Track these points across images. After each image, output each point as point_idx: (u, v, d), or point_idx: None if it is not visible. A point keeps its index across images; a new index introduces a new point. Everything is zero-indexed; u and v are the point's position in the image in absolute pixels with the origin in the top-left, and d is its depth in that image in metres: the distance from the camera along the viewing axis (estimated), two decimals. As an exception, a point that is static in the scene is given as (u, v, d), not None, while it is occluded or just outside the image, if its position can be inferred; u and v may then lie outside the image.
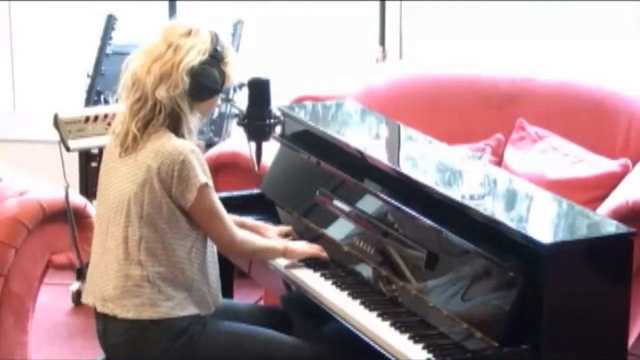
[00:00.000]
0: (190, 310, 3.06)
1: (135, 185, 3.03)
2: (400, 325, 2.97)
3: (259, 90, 3.39)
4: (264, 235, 3.45)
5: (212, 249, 3.16)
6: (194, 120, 3.12)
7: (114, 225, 3.07)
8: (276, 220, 3.66)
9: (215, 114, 4.85)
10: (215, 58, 3.11)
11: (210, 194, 3.06)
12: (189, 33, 3.09)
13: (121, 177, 3.08)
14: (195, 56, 3.06)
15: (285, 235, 3.50)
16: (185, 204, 3.03)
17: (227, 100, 3.31)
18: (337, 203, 3.47)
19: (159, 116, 3.04)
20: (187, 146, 3.03)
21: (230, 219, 3.15)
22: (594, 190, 4.05)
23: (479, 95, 4.55)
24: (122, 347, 3.08)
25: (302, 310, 3.40)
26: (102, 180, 3.17)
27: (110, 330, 3.10)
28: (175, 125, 3.08)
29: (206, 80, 3.09)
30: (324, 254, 3.36)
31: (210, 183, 3.06)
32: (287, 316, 3.43)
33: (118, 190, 3.08)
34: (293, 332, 3.32)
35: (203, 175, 3.03)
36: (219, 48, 3.12)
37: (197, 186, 3.01)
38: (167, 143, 3.03)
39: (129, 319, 3.03)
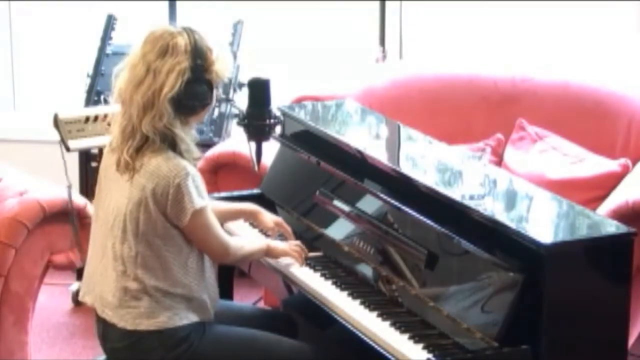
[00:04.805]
0: (190, 318, 3.05)
1: (131, 203, 3.00)
2: (400, 325, 2.96)
3: (259, 90, 3.39)
4: (261, 222, 3.45)
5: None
6: (190, 134, 3.06)
7: (112, 237, 3.05)
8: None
9: (215, 114, 4.85)
10: (198, 72, 3.00)
11: (204, 217, 3.02)
12: (165, 52, 2.98)
13: (118, 192, 3.05)
14: (175, 80, 2.96)
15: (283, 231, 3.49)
16: (180, 224, 3.01)
17: (227, 100, 3.30)
18: (337, 203, 3.47)
19: (153, 140, 2.99)
20: (183, 169, 2.97)
21: (224, 232, 3.13)
22: (594, 190, 4.05)
23: (479, 95, 4.55)
24: (120, 352, 3.08)
25: (303, 313, 3.40)
26: (101, 187, 3.14)
27: (109, 335, 3.09)
28: (172, 144, 3.02)
29: (193, 100, 3.02)
30: (301, 259, 3.34)
31: (205, 203, 3.01)
32: (291, 319, 3.42)
33: (115, 204, 3.05)
34: (298, 334, 3.32)
35: (198, 199, 2.99)
36: (199, 61, 3.00)
37: (191, 211, 2.98)
38: (162, 164, 2.98)
39: (127, 329, 3.03)
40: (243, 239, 3.39)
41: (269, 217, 3.47)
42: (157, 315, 3.01)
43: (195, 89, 3.01)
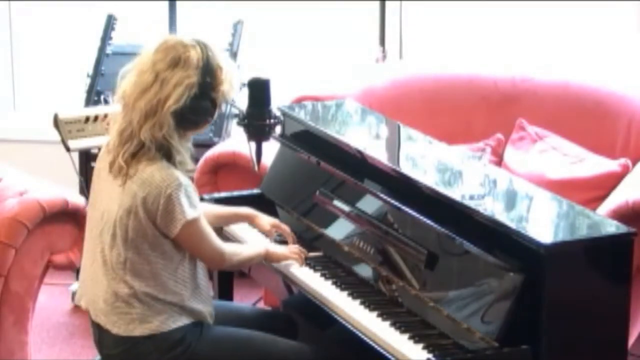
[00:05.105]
0: (184, 320, 3.04)
1: (121, 210, 2.97)
2: (400, 325, 2.97)
3: (259, 90, 3.39)
4: (257, 225, 3.45)
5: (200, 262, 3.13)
6: (186, 147, 3.04)
7: (101, 243, 3.04)
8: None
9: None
10: (205, 89, 2.99)
11: (195, 227, 3.00)
12: (176, 63, 2.95)
13: (109, 195, 3.03)
14: (181, 94, 2.94)
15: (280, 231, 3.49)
16: (169, 234, 2.99)
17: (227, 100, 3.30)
18: (337, 203, 3.46)
19: (149, 148, 2.96)
20: (175, 180, 2.94)
21: (218, 239, 3.10)
22: (594, 190, 4.05)
23: (479, 95, 4.55)
24: (116, 358, 3.07)
25: (303, 313, 3.39)
26: (95, 187, 3.13)
27: (104, 341, 3.09)
28: (167, 154, 2.99)
29: (196, 116, 3.01)
30: (301, 261, 3.34)
31: (197, 214, 2.99)
32: (291, 319, 3.42)
33: (106, 208, 3.03)
34: (298, 335, 3.32)
35: (189, 210, 2.96)
36: (208, 79, 2.99)
37: (183, 222, 2.96)
38: (155, 173, 2.95)
39: (121, 335, 3.02)
40: (241, 244, 3.38)
41: (265, 220, 3.47)
42: (150, 320, 3.00)
43: (200, 105, 3.00)
